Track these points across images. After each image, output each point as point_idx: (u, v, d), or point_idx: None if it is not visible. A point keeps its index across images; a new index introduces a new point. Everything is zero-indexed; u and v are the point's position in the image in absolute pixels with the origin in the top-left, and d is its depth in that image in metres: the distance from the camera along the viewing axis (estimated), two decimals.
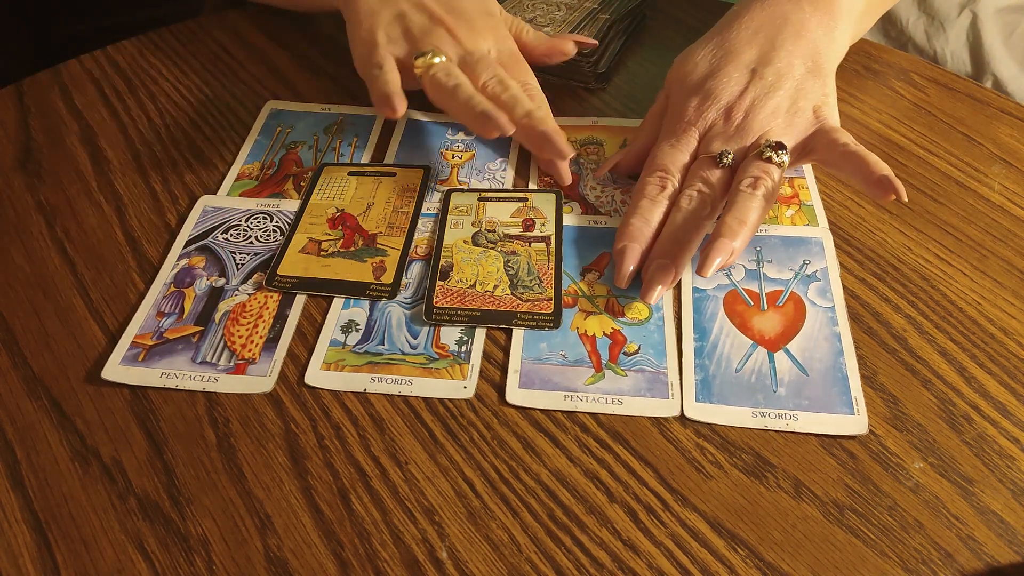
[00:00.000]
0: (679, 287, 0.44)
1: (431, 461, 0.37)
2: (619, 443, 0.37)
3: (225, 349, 0.41)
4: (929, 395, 0.39)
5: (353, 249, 0.46)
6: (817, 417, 0.38)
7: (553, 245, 0.46)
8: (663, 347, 0.41)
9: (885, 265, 0.45)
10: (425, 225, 0.48)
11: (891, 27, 0.70)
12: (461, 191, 0.50)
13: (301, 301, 0.44)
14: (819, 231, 0.47)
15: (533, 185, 0.51)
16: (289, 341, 0.42)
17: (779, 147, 0.44)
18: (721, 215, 0.42)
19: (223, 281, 0.45)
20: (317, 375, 0.40)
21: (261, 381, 0.40)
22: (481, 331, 0.42)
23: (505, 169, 0.52)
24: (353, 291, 0.44)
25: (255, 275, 0.45)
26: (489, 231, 0.47)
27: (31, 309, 0.44)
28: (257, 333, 0.42)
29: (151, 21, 0.69)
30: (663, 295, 0.43)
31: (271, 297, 0.44)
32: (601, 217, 0.48)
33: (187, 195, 0.51)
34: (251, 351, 0.41)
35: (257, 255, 0.46)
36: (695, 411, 0.38)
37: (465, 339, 0.42)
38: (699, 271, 0.41)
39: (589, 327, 0.42)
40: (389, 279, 0.45)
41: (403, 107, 0.47)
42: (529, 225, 0.48)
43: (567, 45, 0.55)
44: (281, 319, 0.43)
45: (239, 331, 0.42)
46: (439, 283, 0.44)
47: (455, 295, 0.44)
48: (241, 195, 0.50)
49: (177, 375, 0.40)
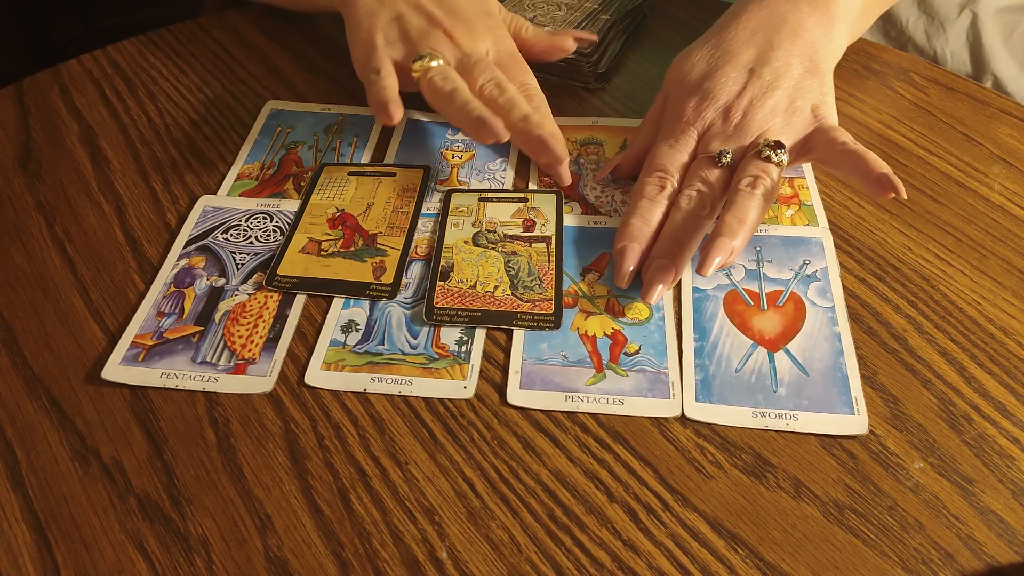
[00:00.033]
0: (679, 287, 0.44)
1: (431, 461, 0.37)
2: (619, 443, 0.37)
3: (225, 349, 0.41)
4: (929, 395, 0.39)
5: (353, 249, 0.46)
6: (817, 417, 0.38)
7: (553, 245, 0.46)
8: (664, 347, 0.41)
9: (885, 265, 0.45)
10: (425, 225, 0.48)
11: (891, 27, 0.70)
12: (461, 191, 0.50)
13: (301, 301, 0.44)
14: (819, 231, 0.47)
15: (533, 185, 0.51)
16: (289, 341, 0.42)
17: (778, 146, 0.44)
18: (720, 214, 0.42)
19: (223, 281, 0.45)
20: (317, 375, 0.40)
21: (261, 381, 0.40)
22: (481, 331, 0.42)
23: (505, 169, 0.52)
24: (353, 291, 0.44)
25: (255, 275, 0.45)
26: (489, 231, 0.47)
27: (31, 309, 0.44)
28: (257, 333, 0.42)
29: (151, 21, 0.69)
30: (663, 295, 0.43)
31: (271, 297, 0.44)
32: (601, 217, 0.48)
33: (187, 195, 0.51)
34: (251, 351, 0.41)
35: (257, 255, 0.46)
36: (695, 411, 0.38)
37: (465, 339, 0.42)
38: (699, 270, 0.41)
39: (590, 327, 0.42)
40: (389, 279, 0.45)
41: (399, 115, 0.47)
42: (529, 225, 0.48)
43: (567, 41, 0.55)
44: (281, 319, 0.43)
45: (239, 331, 0.42)
46: (439, 283, 0.44)
47: (455, 295, 0.44)
48: (241, 195, 0.50)
49: (177, 375, 0.40)
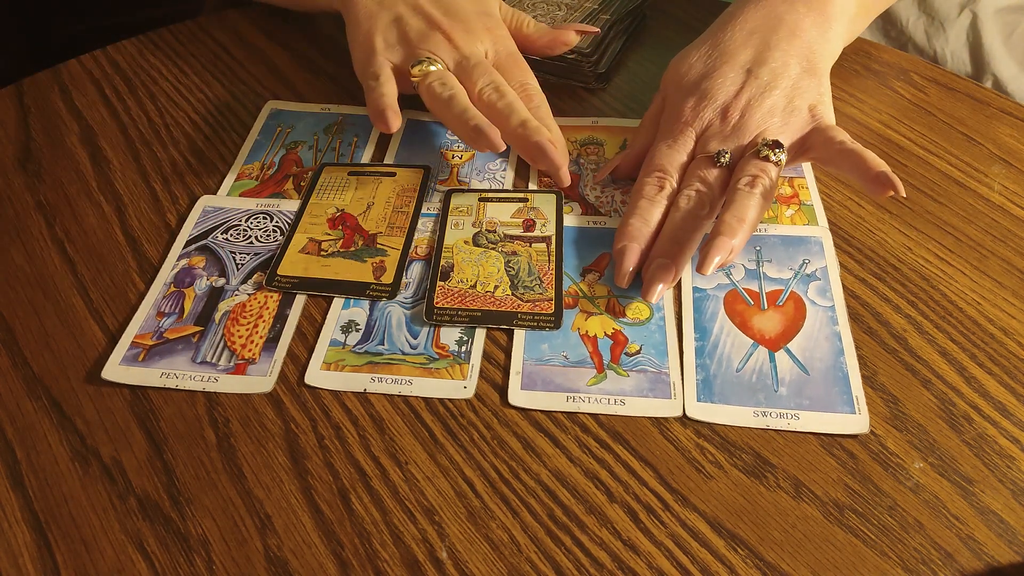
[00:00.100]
0: (679, 287, 0.44)
1: (431, 461, 0.37)
2: (619, 443, 0.37)
3: (225, 349, 0.41)
4: (929, 395, 0.39)
5: (353, 249, 0.46)
6: (818, 416, 0.38)
7: (553, 245, 0.46)
8: (664, 347, 0.41)
9: (885, 265, 0.45)
10: (425, 225, 0.48)
11: (891, 27, 0.70)
12: (461, 191, 0.50)
13: (301, 301, 0.44)
14: (819, 231, 0.47)
15: (533, 185, 0.51)
16: (289, 341, 0.42)
17: (776, 145, 0.44)
18: (720, 214, 0.42)
19: (223, 281, 0.45)
20: (317, 375, 0.40)
21: (261, 381, 0.40)
22: (481, 331, 0.42)
23: (505, 169, 0.52)
24: (353, 291, 0.44)
25: (255, 275, 0.45)
26: (490, 231, 0.47)
27: (31, 309, 0.44)
28: (257, 333, 0.42)
29: (151, 21, 0.69)
30: (664, 295, 0.43)
31: (271, 297, 0.44)
32: (601, 217, 0.48)
33: (187, 195, 0.51)
34: (251, 351, 0.41)
35: (257, 255, 0.46)
36: (697, 411, 0.38)
37: (465, 339, 0.42)
38: (699, 269, 0.41)
39: (590, 328, 0.42)
40: (389, 279, 0.45)
41: (397, 123, 0.47)
42: (530, 225, 0.48)
43: (569, 35, 0.55)
44: (281, 319, 0.43)
45: (239, 331, 0.42)
46: (440, 283, 0.44)
47: (456, 295, 0.44)
48: (241, 195, 0.50)
49: (177, 375, 0.40)
